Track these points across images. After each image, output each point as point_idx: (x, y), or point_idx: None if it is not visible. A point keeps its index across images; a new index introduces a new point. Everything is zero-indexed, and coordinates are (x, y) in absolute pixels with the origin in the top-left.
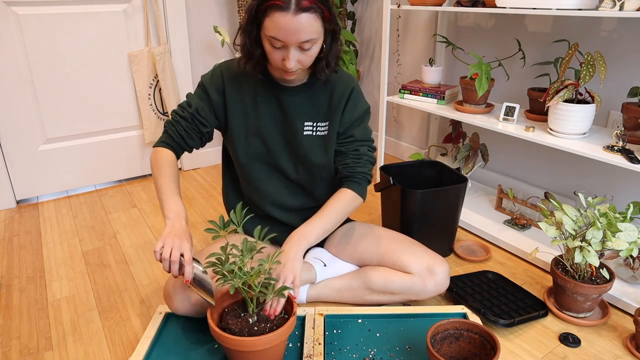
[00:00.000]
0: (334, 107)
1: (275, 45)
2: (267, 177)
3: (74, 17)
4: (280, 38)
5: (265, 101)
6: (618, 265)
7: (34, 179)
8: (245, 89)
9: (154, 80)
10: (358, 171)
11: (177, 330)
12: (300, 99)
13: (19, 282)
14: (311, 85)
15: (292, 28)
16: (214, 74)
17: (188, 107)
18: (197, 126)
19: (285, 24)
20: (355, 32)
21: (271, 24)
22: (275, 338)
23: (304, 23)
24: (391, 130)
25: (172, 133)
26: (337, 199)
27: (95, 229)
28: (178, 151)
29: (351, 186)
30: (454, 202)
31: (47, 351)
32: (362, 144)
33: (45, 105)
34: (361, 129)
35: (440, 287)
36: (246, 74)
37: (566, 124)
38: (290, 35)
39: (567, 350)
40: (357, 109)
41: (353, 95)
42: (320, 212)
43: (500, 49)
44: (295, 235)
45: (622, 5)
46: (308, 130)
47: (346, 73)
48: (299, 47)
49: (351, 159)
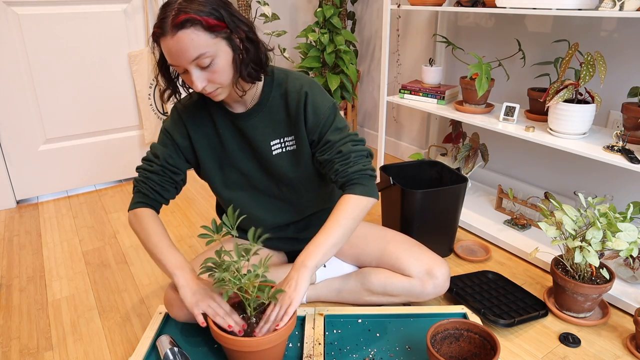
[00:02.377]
0: (293, 119)
1: (179, 70)
2: (254, 202)
3: (74, 17)
4: (174, 63)
5: (227, 131)
6: (618, 265)
7: (34, 179)
8: (204, 123)
9: (154, 80)
10: (351, 172)
11: (177, 331)
12: (259, 121)
13: (19, 282)
14: (265, 102)
15: (175, 49)
16: (173, 117)
17: (156, 160)
18: (169, 177)
19: (169, 47)
20: (355, 32)
21: (164, 52)
22: (275, 338)
23: (184, 40)
24: (391, 130)
25: (146, 191)
26: (338, 209)
27: (95, 229)
28: (156, 207)
29: (351, 190)
30: (454, 202)
31: (47, 351)
32: (342, 143)
33: (45, 105)
34: (334, 129)
35: (440, 290)
36: (202, 110)
37: (566, 124)
38: (179, 57)
39: (567, 350)
40: (320, 112)
41: (309, 100)
42: (324, 229)
43: (500, 49)
44: (298, 261)
45: (622, 5)
46: (277, 149)
47: (297, 77)
48: (197, 65)
49: (338, 163)
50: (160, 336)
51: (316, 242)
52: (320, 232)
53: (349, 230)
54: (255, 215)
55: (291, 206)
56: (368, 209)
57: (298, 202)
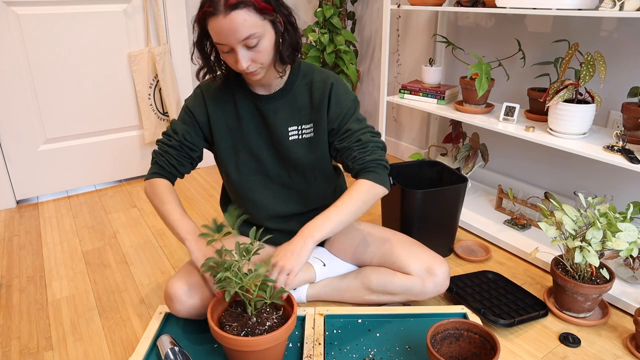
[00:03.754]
0: (316, 107)
1: (223, 50)
2: (262, 187)
3: (74, 17)
4: (222, 42)
5: (247, 113)
6: (618, 265)
7: (34, 179)
8: (226, 104)
9: (154, 80)
10: (368, 160)
11: (177, 331)
12: (281, 105)
13: (19, 282)
14: (289, 89)
15: (227, 29)
16: (196, 95)
17: (175, 135)
18: (186, 153)
19: (220, 26)
20: (355, 32)
21: (212, 31)
22: (275, 338)
23: (237, 20)
24: (391, 130)
25: (163, 163)
26: (351, 190)
27: (95, 229)
28: (172, 179)
29: (366, 176)
30: (454, 202)
31: (47, 351)
32: (362, 132)
33: (45, 105)
34: (354, 120)
35: (440, 288)
36: (224, 89)
37: (566, 124)
38: (229, 36)
39: (567, 350)
40: (343, 103)
41: (333, 90)
42: (334, 205)
43: (500, 49)
44: (305, 230)
45: (622, 5)
46: (293, 135)
47: (323, 71)
48: (244, 45)
49: (357, 151)
50: (161, 336)
51: (327, 215)
52: (332, 207)
53: (358, 212)
54: (261, 202)
55: (299, 196)
56: (378, 197)
57: (306, 192)
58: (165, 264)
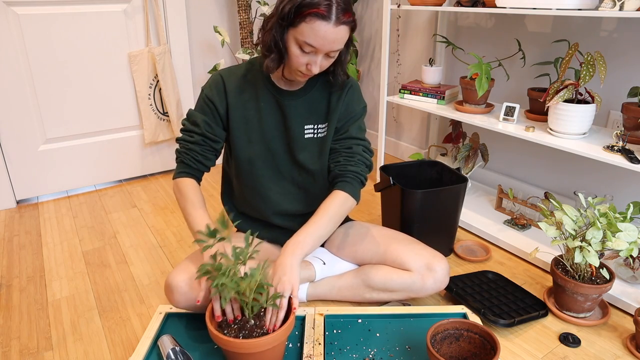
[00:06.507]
0: (332, 108)
1: (305, 49)
2: (271, 183)
3: (74, 17)
4: (315, 45)
5: (268, 106)
6: (618, 265)
7: (34, 179)
8: (247, 95)
9: (154, 80)
10: (349, 170)
11: (177, 330)
12: (301, 103)
13: (19, 282)
14: (310, 88)
15: (330, 38)
16: (216, 81)
17: (196, 128)
18: (210, 146)
19: (325, 33)
20: (355, 32)
21: (309, 31)
22: (274, 339)
23: (341, 34)
24: (391, 130)
25: (189, 161)
26: (328, 202)
27: (95, 229)
28: (198, 177)
29: (343, 187)
30: (454, 202)
31: (47, 351)
32: (356, 142)
33: (45, 105)
34: (357, 126)
35: (440, 285)
36: (248, 79)
37: (566, 124)
38: (326, 44)
39: (567, 350)
40: (353, 106)
41: (349, 93)
42: (313, 219)
43: (500, 49)
44: (290, 245)
45: (622, 5)
46: (309, 133)
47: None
48: (327, 54)
49: (343, 157)
50: (162, 336)
51: (307, 232)
52: (311, 223)
53: (334, 226)
54: (269, 198)
55: (305, 195)
56: (350, 210)
57: (313, 191)
58: (165, 264)
